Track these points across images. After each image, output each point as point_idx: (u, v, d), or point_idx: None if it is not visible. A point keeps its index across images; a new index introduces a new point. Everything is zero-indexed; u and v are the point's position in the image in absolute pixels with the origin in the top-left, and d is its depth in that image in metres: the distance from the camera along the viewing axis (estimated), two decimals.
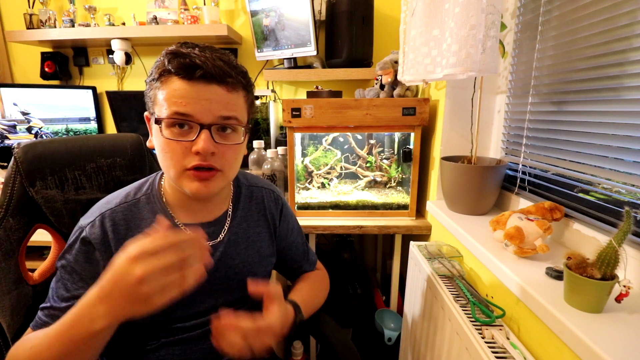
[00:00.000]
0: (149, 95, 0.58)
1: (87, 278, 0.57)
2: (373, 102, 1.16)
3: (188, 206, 0.65)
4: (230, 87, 0.55)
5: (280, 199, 0.79)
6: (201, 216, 0.66)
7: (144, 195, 0.64)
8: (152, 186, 0.65)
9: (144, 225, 0.61)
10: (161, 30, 1.58)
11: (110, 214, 0.60)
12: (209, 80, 0.53)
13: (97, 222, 0.59)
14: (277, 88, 1.78)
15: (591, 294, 0.53)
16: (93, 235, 0.58)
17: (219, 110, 0.54)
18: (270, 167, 1.34)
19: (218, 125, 0.55)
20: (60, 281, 0.58)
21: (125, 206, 0.62)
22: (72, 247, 0.58)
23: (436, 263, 0.94)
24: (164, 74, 0.53)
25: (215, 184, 0.58)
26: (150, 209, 0.63)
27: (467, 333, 0.67)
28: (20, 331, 0.61)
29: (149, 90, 0.57)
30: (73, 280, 0.57)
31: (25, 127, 1.68)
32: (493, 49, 0.79)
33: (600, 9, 0.68)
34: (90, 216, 0.60)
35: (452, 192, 1.01)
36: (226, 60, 0.55)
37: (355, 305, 1.43)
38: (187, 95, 0.52)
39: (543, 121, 0.86)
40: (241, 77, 0.57)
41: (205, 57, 0.52)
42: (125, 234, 0.60)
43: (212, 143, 0.54)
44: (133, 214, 0.62)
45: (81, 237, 0.58)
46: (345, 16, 1.43)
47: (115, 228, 0.60)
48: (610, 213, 0.67)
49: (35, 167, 0.64)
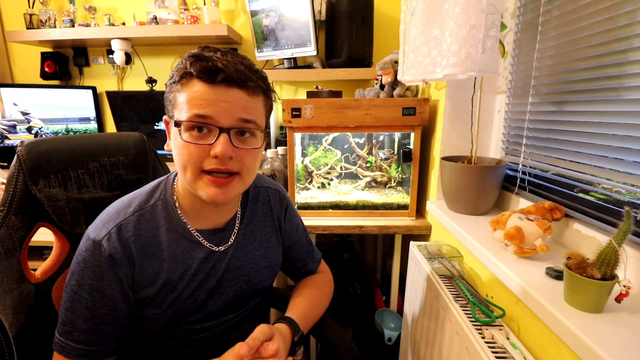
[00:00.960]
0: (168, 99, 0.57)
1: (110, 295, 0.56)
2: (373, 102, 1.17)
3: (200, 211, 0.64)
4: (250, 91, 0.55)
5: (285, 198, 0.79)
6: (213, 222, 0.66)
7: (159, 200, 0.63)
8: (164, 191, 0.64)
9: (161, 232, 0.61)
10: (161, 30, 1.58)
11: (127, 225, 0.58)
12: (230, 84, 0.53)
13: (113, 236, 0.57)
14: (277, 88, 1.78)
15: (591, 294, 0.53)
16: (114, 250, 0.56)
17: (239, 112, 0.54)
18: (270, 167, 1.34)
19: (237, 129, 0.55)
20: (78, 302, 0.56)
21: (140, 214, 0.60)
22: (87, 262, 0.56)
23: (436, 263, 0.94)
24: (185, 77, 0.53)
25: (233, 190, 0.57)
26: (165, 215, 0.62)
27: (467, 333, 0.67)
28: (22, 330, 0.61)
29: (168, 93, 0.57)
30: (94, 300, 0.56)
31: (25, 127, 1.69)
32: (493, 49, 0.79)
33: (600, 9, 0.68)
34: (104, 228, 0.57)
35: (452, 192, 1.01)
36: (247, 64, 0.55)
37: (355, 305, 1.44)
38: (208, 97, 0.52)
39: (543, 121, 0.86)
40: (261, 82, 0.57)
41: (227, 61, 0.52)
42: (145, 243, 0.59)
43: (230, 147, 0.54)
44: (149, 222, 0.60)
45: (99, 253, 0.56)
46: (345, 16, 1.43)
47: (135, 239, 0.58)
48: (610, 213, 0.67)
49: (38, 165, 0.64)
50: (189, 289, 0.61)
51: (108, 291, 0.56)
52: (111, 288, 0.57)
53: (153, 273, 0.59)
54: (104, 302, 0.56)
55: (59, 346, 0.56)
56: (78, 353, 0.56)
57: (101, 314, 0.57)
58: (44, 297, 0.67)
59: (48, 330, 0.66)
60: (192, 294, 0.62)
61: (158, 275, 0.59)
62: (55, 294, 0.68)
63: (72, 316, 0.56)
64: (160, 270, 0.60)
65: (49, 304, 0.68)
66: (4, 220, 0.60)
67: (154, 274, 0.59)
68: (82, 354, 0.56)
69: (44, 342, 0.64)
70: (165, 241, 0.61)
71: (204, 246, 0.63)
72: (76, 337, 0.56)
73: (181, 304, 0.61)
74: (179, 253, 0.61)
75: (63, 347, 0.56)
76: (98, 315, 0.56)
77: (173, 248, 0.61)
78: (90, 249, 0.56)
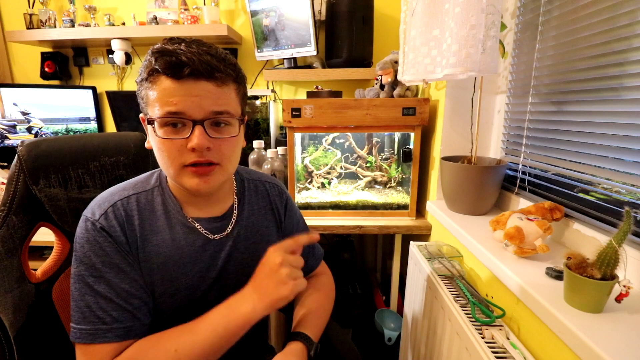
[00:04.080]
0: (140, 96, 0.57)
1: (124, 268, 0.56)
2: (373, 102, 1.17)
3: (193, 201, 0.64)
4: (219, 82, 0.54)
5: (284, 192, 0.79)
6: (208, 211, 0.66)
7: (155, 187, 0.63)
8: (159, 180, 0.65)
9: (158, 216, 0.61)
10: (161, 31, 1.58)
11: (123, 204, 0.59)
12: (197, 77, 0.52)
13: (110, 215, 0.57)
14: (277, 88, 1.78)
15: (591, 294, 0.53)
16: (112, 229, 0.56)
17: (210, 105, 0.54)
18: (270, 167, 1.34)
19: (211, 120, 0.55)
20: (96, 283, 0.54)
21: (137, 197, 0.61)
22: (91, 242, 0.55)
23: (436, 263, 0.94)
24: (153, 74, 0.53)
25: (215, 179, 0.58)
26: (161, 201, 0.62)
27: (467, 333, 0.67)
28: (23, 330, 0.61)
29: (140, 90, 0.56)
30: (112, 275, 0.55)
31: (25, 127, 1.68)
32: (493, 49, 0.79)
33: (600, 9, 0.68)
34: (99, 208, 0.57)
35: (452, 192, 1.02)
36: (213, 53, 0.54)
37: (355, 305, 1.44)
38: (177, 93, 0.52)
39: (543, 121, 0.86)
40: (230, 70, 0.56)
41: (191, 53, 0.51)
42: (142, 223, 0.59)
43: (206, 138, 0.54)
44: (145, 205, 0.61)
45: (98, 231, 0.55)
46: (345, 16, 1.43)
47: (131, 219, 0.59)
48: (610, 213, 0.67)
49: (39, 165, 0.64)
50: (186, 277, 0.61)
51: (122, 265, 0.56)
52: (123, 262, 0.56)
53: (152, 256, 0.59)
54: (122, 275, 0.55)
55: (89, 335, 0.52)
56: (116, 334, 0.53)
57: (124, 288, 0.55)
58: (45, 296, 0.67)
59: (48, 330, 0.66)
60: (192, 284, 0.62)
61: (157, 259, 0.59)
62: (55, 294, 0.68)
63: (95, 300, 0.53)
64: (158, 254, 0.59)
65: (50, 303, 0.68)
66: (5, 220, 0.60)
67: (153, 257, 0.59)
68: (120, 333, 0.53)
69: (44, 341, 0.64)
70: (162, 225, 0.61)
71: (201, 233, 0.63)
72: (107, 319, 0.53)
73: (181, 294, 0.61)
74: (176, 239, 0.61)
75: (94, 335, 0.52)
76: (122, 290, 0.55)
77: (170, 234, 0.61)
78: (90, 230, 0.56)
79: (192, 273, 0.62)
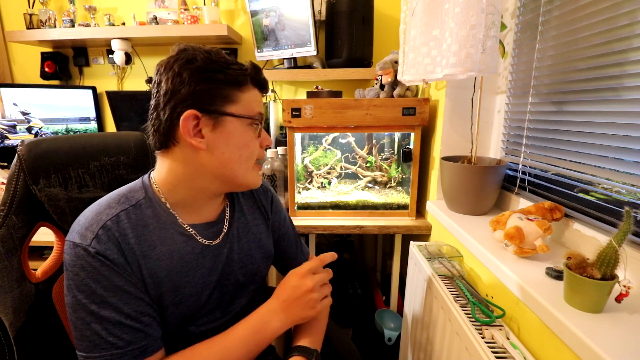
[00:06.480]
0: (212, 92, 0.56)
1: (127, 289, 0.53)
2: (373, 102, 1.17)
3: (198, 206, 0.64)
4: None
5: (268, 190, 0.80)
6: (204, 216, 0.66)
7: (141, 200, 0.60)
8: (145, 191, 0.61)
9: (151, 230, 0.58)
10: (161, 30, 1.58)
11: (112, 224, 0.54)
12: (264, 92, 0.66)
13: (103, 237, 0.53)
14: (277, 88, 1.78)
15: (591, 294, 0.53)
16: (108, 252, 0.52)
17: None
18: (270, 167, 1.34)
19: None
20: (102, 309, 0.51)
21: (125, 213, 0.57)
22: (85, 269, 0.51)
23: (436, 263, 0.94)
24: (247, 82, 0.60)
25: None
26: (152, 213, 0.59)
27: (467, 333, 0.67)
28: (23, 330, 0.61)
29: (213, 86, 0.56)
30: (116, 299, 0.52)
31: (25, 127, 1.69)
32: (493, 49, 0.79)
33: (600, 9, 0.69)
34: (88, 232, 0.53)
35: (452, 192, 1.02)
36: None
37: (355, 305, 1.44)
38: (260, 100, 0.64)
39: (543, 121, 0.86)
40: None
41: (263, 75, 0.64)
42: (137, 240, 0.56)
43: None
44: (136, 221, 0.57)
45: (92, 256, 0.52)
46: (345, 16, 1.43)
47: (125, 238, 0.55)
48: (610, 213, 0.67)
49: (39, 165, 0.64)
50: (190, 285, 0.61)
51: (125, 286, 0.53)
52: (125, 282, 0.53)
53: (156, 270, 0.57)
54: (127, 296, 0.53)
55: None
56: (132, 356, 0.52)
57: (132, 308, 0.53)
58: (45, 296, 0.67)
59: (48, 330, 0.66)
60: (196, 291, 0.61)
61: (161, 272, 0.58)
62: (55, 294, 0.68)
63: (102, 326, 0.51)
64: (160, 268, 0.58)
65: (50, 303, 0.67)
66: (5, 220, 0.60)
67: (157, 271, 0.57)
68: (137, 354, 0.52)
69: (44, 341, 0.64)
70: (158, 239, 0.58)
71: (198, 241, 0.63)
72: (120, 343, 0.51)
73: (187, 302, 0.60)
74: (175, 249, 0.60)
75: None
76: (130, 311, 0.53)
77: (167, 245, 0.59)
78: (83, 256, 0.52)
79: (196, 280, 0.62)
